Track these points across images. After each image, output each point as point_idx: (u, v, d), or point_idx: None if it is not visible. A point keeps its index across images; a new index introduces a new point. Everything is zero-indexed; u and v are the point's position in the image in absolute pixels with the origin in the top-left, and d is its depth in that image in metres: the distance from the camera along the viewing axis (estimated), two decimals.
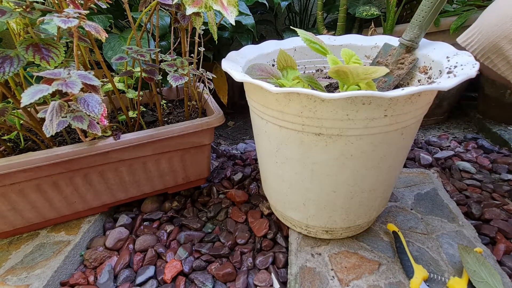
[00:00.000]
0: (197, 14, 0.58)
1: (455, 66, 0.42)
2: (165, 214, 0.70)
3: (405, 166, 0.83)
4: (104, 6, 0.52)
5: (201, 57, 0.72)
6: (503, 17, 0.48)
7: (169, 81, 0.55)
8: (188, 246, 0.61)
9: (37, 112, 0.62)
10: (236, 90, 1.35)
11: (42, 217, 0.62)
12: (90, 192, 0.63)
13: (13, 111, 0.57)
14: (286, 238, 0.62)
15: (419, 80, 0.52)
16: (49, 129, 0.41)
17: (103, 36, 0.47)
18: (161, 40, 0.91)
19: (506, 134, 0.92)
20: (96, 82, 0.46)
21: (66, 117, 0.45)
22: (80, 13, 0.44)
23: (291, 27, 0.61)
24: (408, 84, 0.55)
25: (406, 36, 0.52)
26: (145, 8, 0.57)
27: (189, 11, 0.48)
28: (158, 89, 0.80)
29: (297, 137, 0.43)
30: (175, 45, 0.74)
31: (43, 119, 0.49)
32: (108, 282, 0.55)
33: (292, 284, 0.50)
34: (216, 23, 0.66)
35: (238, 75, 0.43)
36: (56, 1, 0.51)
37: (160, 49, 0.68)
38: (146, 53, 0.58)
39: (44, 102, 0.63)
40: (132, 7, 0.95)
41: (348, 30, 1.12)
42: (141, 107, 0.80)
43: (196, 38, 0.64)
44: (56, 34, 0.52)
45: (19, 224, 0.61)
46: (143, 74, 0.58)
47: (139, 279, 0.55)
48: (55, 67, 0.47)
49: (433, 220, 0.61)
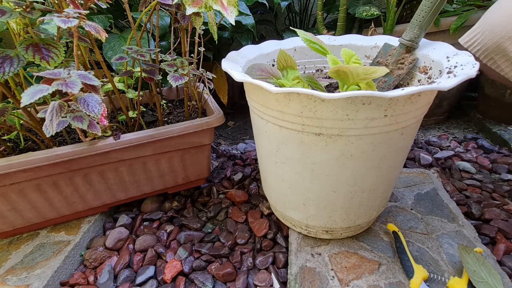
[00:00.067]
0: (197, 14, 0.58)
1: (455, 66, 0.42)
2: (165, 214, 0.70)
3: (405, 166, 0.83)
4: (104, 6, 0.52)
5: (201, 57, 0.72)
6: (507, 18, 0.47)
7: (169, 81, 0.55)
8: (188, 246, 0.61)
9: (37, 112, 0.62)
10: (236, 90, 1.35)
11: (42, 217, 0.62)
12: (90, 192, 0.63)
13: (13, 111, 0.57)
14: (286, 238, 0.62)
15: (419, 80, 0.52)
16: (49, 129, 0.42)
17: (103, 36, 0.47)
18: (161, 40, 0.91)
19: (506, 134, 0.92)
20: (96, 82, 0.46)
21: (66, 117, 0.45)
22: (80, 13, 0.44)
23: (291, 27, 0.61)
24: (408, 84, 0.55)
25: (406, 36, 0.52)
26: (145, 8, 0.57)
27: (189, 11, 0.48)
28: (158, 89, 0.80)
29: (297, 137, 0.43)
30: (175, 45, 0.74)
31: (43, 119, 0.49)
32: (108, 282, 0.55)
33: (292, 284, 0.50)
34: (216, 23, 0.66)
35: (238, 75, 0.43)
36: (56, 1, 0.51)
37: (160, 49, 0.68)
38: (146, 53, 0.58)
39: (44, 102, 0.63)
40: (132, 7, 0.95)
41: (348, 30, 1.12)
42: (141, 107, 0.80)
43: (196, 38, 0.64)
44: (56, 34, 0.52)
45: (19, 224, 0.61)
46: (143, 74, 0.59)
47: (139, 279, 0.55)
48: (55, 67, 0.47)
49: (433, 220, 0.61)
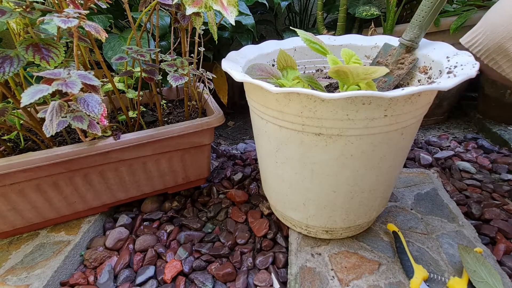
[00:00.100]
0: (197, 14, 0.58)
1: (455, 66, 0.42)
2: (165, 214, 0.70)
3: (405, 166, 0.83)
4: (104, 6, 0.52)
5: (201, 57, 0.72)
6: (508, 18, 0.47)
7: (169, 81, 0.55)
8: (188, 246, 0.61)
9: (37, 112, 0.62)
10: (236, 90, 1.35)
11: (42, 217, 0.62)
12: (90, 192, 0.63)
13: (13, 111, 0.57)
14: (286, 238, 0.62)
15: (419, 80, 0.52)
16: (49, 129, 0.42)
17: (103, 36, 0.47)
18: (161, 40, 0.91)
19: (506, 134, 0.92)
20: (96, 82, 0.46)
21: (66, 117, 0.45)
22: (80, 13, 0.44)
23: (291, 27, 0.61)
24: (408, 84, 0.55)
25: (406, 36, 0.52)
26: (145, 8, 0.57)
27: (189, 11, 0.48)
28: (158, 89, 0.80)
29: (297, 137, 0.43)
30: (175, 45, 0.74)
31: (43, 119, 0.49)
32: (108, 282, 0.55)
33: (292, 284, 0.50)
34: (216, 23, 0.66)
35: (238, 75, 0.43)
36: (56, 1, 0.51)
37: (160, 49, 0.68)
38: (146, 53, 0.58)
39: (44, 102, 0.63)
40: (132, 7, 0.95)
41: (348, 30, 1.12)
42: (141, 107, 0.80)
43: (196, 38, 0.64)
44: (56, 34, 0.52)
45: (19, 224, 0.61)
46: (143, 74, 0.59)
47: (139, 279, 0.55)
48: (55, 67, 0.47)
49: (433, 220, 0.61)
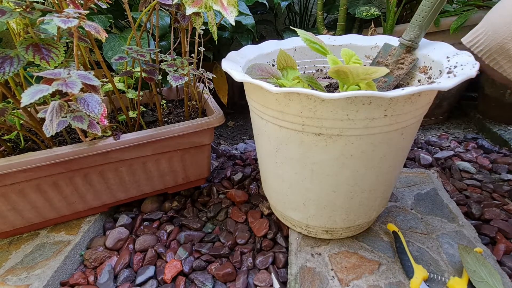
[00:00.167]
0: (197, 14, 0.58)
1: (455, 66, 0.42)
2: (165, 214, 0.70)
3: (405, 166, 0.83)
4: (104, 6, 0.52)
5: (201, 57, 0.72)
6: (510, 19, 0.47)
7: (169, 81, 0.55)
8: (188, 246, 0.61)
9: (37, 112, 0.62)
10: (236, 90, 1.35)
11: (42, 217, 0.62)
12: (90, 192, 0.63)
13: (13, 111, 0.57)
14: (286, 238, 0.62)
15: (419, 80, 0.52)
16: (49, 129, 0.42)
17: (103, 36, 0.47)
18: (161, 40, 0.91)
19: (506, 134, 0.92)
20: (96, 82, 0.46)
21: (66, 117, 0.45)
22: (80, 13, 0.44)
23: (291, 27, 0.61)
24: (408, 84, 0.55)
25: (406, 36, 0.52)
26: (145, 8, 0.57)
27: (189, 11, 0.48)
28: (158, 89, 0.80)
29: (297, 137, 0.43)
30: (175, 45, 0.74)
31: (43, 119, 0.49)
32: (108, 282, 0.55)
33: (292, 284, 0.50)
34: (216, 23, 0.66)
35: (238, 75, 0.43)
36: (56, 1, 0.51)
37: (160, 49, 0.68)
38: (146, 53, 0.58)
39: (44, 102, 0.63)
40: (132, 7, 0.95)
41: (348, 30, 1.12)
42: (141, 107, 0.80)
43: (196, 38, 0.64)
44: (56, 34, 0.52)
45: (19, 224, 0.61)
46: (143, 74, 0.59)
47: (139, 279, 0.55)
48: (55, 67, 0.47)
49: (433, 220, 0.61)
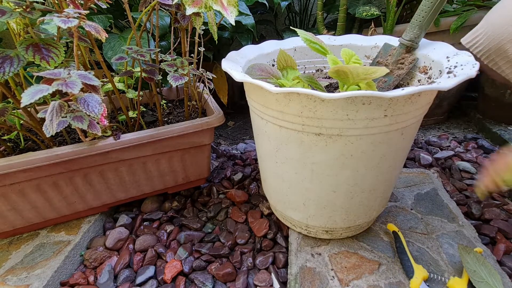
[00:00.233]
0: (197, 14, 0.58)
1: (455, 66, 0.42)
2: (165, 214, 0.70)
3: (405, 166, 0.83)
4: (104, 6, 0.52)
5: (201, 57, 0.72)
6: (509, 19, 0.47)
7: (169, 81, 0.55)
8: (188, 246, 0.61)
9: (37, 112, 0.62)
10: (236, 90, 1.35)
11: (42, 217, 0.62)
12: (90, 192, 0.63)
13: (13, 111, 0.57)
14: (286, 238, 0.62)
15: (419, 80, 0.52)
16: (49, 129, 0.41)
17: (103, 36, 0.47)
18: (161, 40, 0.91)
19: (506, 134, 0.92)
20: (96, 82, 0.46)
21: (66, 117, 0.45)
22: (80, 13, 0.44)
23: (291, 27, 0.61)
24: (408, 84, 0.55)
25: (406, 36, 0.52)
26: (145, 8, 0.57)
27: (189, 11, 0.48)
28: (158, 89, 0.80)
29: (297, 137, 0.43)
30: (175, 45, 0.74)
31: (43, 119, 0.49)
32: (108, 282, 0.55)
33: (292, 284, 0.50)
34: (216, 23, 0.66)
35: (238, 75, 0.43)
36: (56, 1, 0.51)
37: (160, 49, 0.68)
38: (146, 53, 0.58)
39: (44, 102, 0.63)
40: (132, 7, 0.95)
41: (348, 30, 1.12)
42: (141, 107, 0.80)
43: (196, 38, 0.64)
44: (56, 34, 0.52)
45: (19, 224, 0.61)
46: (143, 74, 0.59)
47: (139, 279, 0.55)
48: (55, 67, 0.47)
49: (433, 220, 0.61)
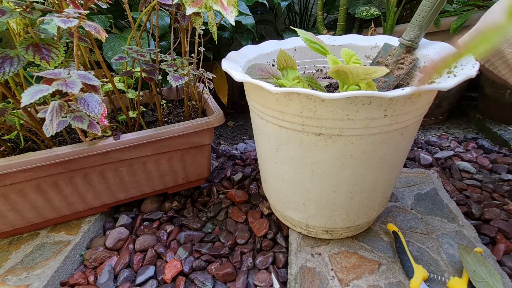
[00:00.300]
0: (197, 14, 0.58)
1: (455, 66, 0.42)
2: (165, 214, 0.70)
3: (405, 166, 0.83)
4: (104, 6, 0.52)
5: (201, 57, 0.72)
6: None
7: (169, 81, 0.55)
8: (188, 246, 0.61)
9: (37, 112, 0.62)
10: (236, 90, 1.35)
11: (42, 217, 0.62)
12: (90, 192, 0.63)
13: (13, 111, 0.57)
14: (286, 238, 0.62)
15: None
16: (49, 129, 0.42)
17: (103, 36, 0.47)
18: (161, 40, 0.91)
19: (506, 134, 0.92)
20: (96, 82, 0.46)
21: (66, 117, 0.45)
22: (80, 13, 0.44)
23: (291, 27, 0.61)
24: (408, 84, 0.55)
25: (406, 36, 0.52)
26: (145, 8, 0.57)
27: (189, 11, 0.48)
28: (158, 89, 0.80)
29: (297, 137, 0.43)
30: (175, 45, 0.74)
31: (43, 119, 0.49)
32: (108, 282, 0.55)
33: (292, 284, 0.50)
34: (216, 23, 0.66)
35: (238, 75, 0.43)
36: (56, 1, 0.51)
37: (160, 49, 0.68)
38: (146, 53, 0.58)
39: (44, 102, 0.63)
40: (132, 7, 0.95)
41: (348, 30, 1.12)
42: (141, 107, 0.80)
43: (196, 38, 0.64)
44: (56, 34, 0.52)
45: (19, 224, 0.61)
46: (143, 74, 0.59)
47: (139, 279, 0.55)
48: (55, 67, 0.47)
49: (433, 220, 0.61)
